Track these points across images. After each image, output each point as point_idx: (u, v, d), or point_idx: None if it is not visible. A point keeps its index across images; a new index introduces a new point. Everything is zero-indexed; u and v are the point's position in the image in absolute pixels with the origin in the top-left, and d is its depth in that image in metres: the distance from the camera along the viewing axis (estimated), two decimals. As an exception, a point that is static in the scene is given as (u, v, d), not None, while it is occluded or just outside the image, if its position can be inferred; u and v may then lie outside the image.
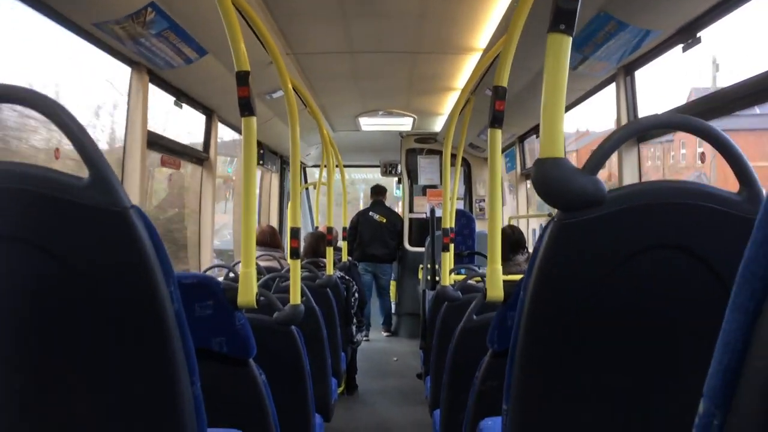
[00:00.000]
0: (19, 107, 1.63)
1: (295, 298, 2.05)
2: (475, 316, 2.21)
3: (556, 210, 0.94)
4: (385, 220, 6.43)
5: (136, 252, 0.89)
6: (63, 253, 0.88)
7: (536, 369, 0.98)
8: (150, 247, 0.90)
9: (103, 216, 0.88)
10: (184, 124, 3.79)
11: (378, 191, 6.62)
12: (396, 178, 7.43)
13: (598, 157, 0.93)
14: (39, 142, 2.62)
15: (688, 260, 0.91)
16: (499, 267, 1.81)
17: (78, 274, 0.89)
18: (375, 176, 8.02)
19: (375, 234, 6.37)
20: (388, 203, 6.82)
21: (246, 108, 1.63)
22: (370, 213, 6.49)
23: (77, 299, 0.90)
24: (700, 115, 1.90)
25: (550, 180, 0.91)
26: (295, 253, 2.13)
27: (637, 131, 1.01)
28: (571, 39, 0.96)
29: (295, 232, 2.17)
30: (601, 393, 0.96)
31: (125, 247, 0.89)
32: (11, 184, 0.87)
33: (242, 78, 1.61)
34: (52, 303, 0.91)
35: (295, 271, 2.08)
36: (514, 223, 4.73)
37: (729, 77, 2.13)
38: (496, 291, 1.76)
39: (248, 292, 1.58)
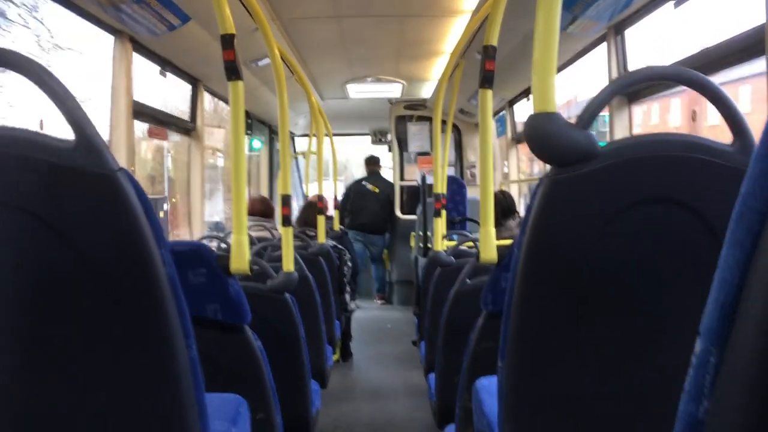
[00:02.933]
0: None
1: (288, 265, 2.04)
2: (468, 280, 2.22)
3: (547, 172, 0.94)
4: (377, 190, 6.42)
5: (126, 215, 0.88)
6: (50, 217, 0.87)
7: (531, 325, 0.98)
8: (140, 209, 0.89)
9: (90, 179, 0.86)
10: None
11: (372, 161, 6.60)
12: (386, 146, 7.40)
13: (591, 111, 0.92)
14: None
15: (681, 213, 0.91)
16: (492, 229, 1.81)
17: (66, 239, 0.88)
18: (365, 146, 7.97)
19: (366, 203, 6.37)
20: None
21: (232, 72, 1.60)
22: (364, 182, 6.49)
23: (67, 264, 0.89)
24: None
25: (543, 134, 0.90)
26: (286, 221, 2.12)
27: (630, 83, 0.99)
28: None
29: (285, 199, 2.15)
30: (596, 346, 0.97)
31: (114, 211, 0.87)
32: None
33: (227, 41, 1.58)
34: (41, 268, 0.90)
35: (287, 238, 2.07)
36: (505, 188, 4.73)
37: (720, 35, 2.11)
38: (489, 253, 1.76)
39: (241, 259, 1.57)
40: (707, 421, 0.41)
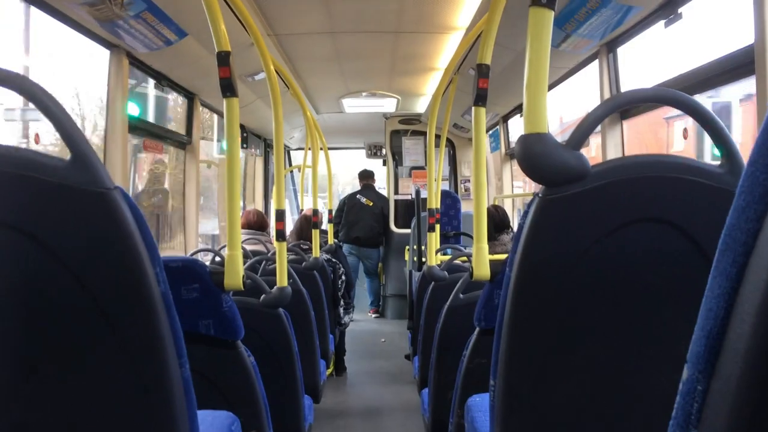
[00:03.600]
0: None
1: (282, 280, 2.05)
2: (461, 295, 2.22)
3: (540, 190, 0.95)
4: (371, 204, 6.44)
5: (121, 233, 0.88)
6: (44, 235, 0.87)
7: (522, 344, 0.99)
8: (134, 228, 0.89)
9: (85, 197, 0.86)
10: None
11: (366, 176, 6.62)
12: (381, 160, 7.42)
13: (582, 132, 0.93)
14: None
15: (670, 233, 0.92)
16: (485, 245, 1.82)
17: (61, 257, 0.88)
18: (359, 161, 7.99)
19: (360, 216, 6.38)
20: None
21: (228, 89, 1.61)
22: (358, 196, 6.50)
23: (61, 282, 0.89)
24: (684, 91, 1.91)
25: (534, 155, 0.91)
26: (280, 235, 2.13)
27: (620, 105, 1.01)
28: (553, 13, 0.95)
29: (280, 215, 2.16)
30: (587, 365, 0.97)
31: (109, 229, 0.88)
32: None
33: (223, 58, 1.59)
34: (35, 287, 0.90)
35: (282, 253, 2.08)
36: (498, 203, 4.75)
37: (710, 54, 2.14)
38: (482, 269, 1.77)
39: (235, 275, 1.57)
40: None
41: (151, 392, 0.95)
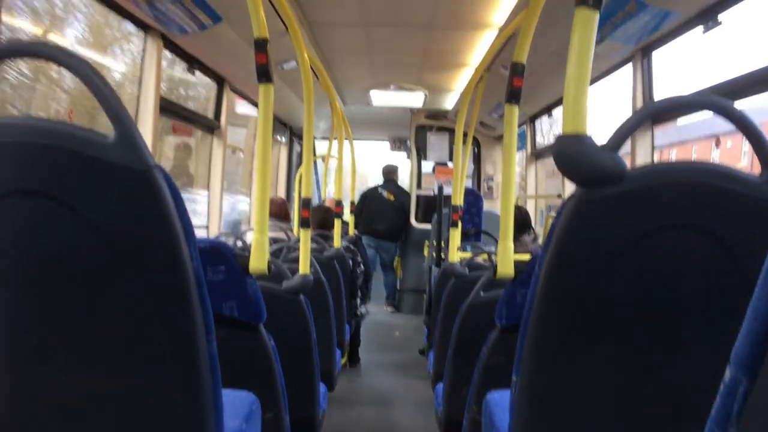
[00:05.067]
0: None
1: (305, 267, 2.06)
2: (482, 293, 2.22)
3: (566, 192, 0.95)
4: (393, 198, 6.45)
5: (160, 211, 0.90)
6: (85, 209, 0.89)
7: (548, 342, 0.99)
8: (173, 207, 0.91)
9: (128, 174, 0.88)
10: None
11: (389, 171, 6.63)
12: (404, 153, 7.42)
13: (620, 135, 0.93)
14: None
15: (704, 241, 0.92)
16: (511, 244, 1.82)
17: (100, 231, 0.90)
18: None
19: (381, 210, 6.40)
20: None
21: (264, 75, 1.62)
22: (380, 189, 6.51)
23: (98, 255, 0.91)
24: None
25: (571, 155, 0.91)
26: (305, 223, 2.14)
27: (660, 110, 1.00)
28: (598, 14, 0.95)
29: (306, 202, 2.17)
30: (613, 367, 0.97)
31: (149, 206, 0.90)
32: (33, 139, 0.88)
33: (261, 45, 1.60)
34: (74, 259, 0.93)
35: (305, 241, 2.09)
36: (521, 203, 4.73)
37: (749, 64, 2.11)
38: (506, 268, 1.77)
39: (260, 259, 1.59)
40: None
41: (179, 364, 0.97)
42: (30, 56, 0.96)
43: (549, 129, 5.34)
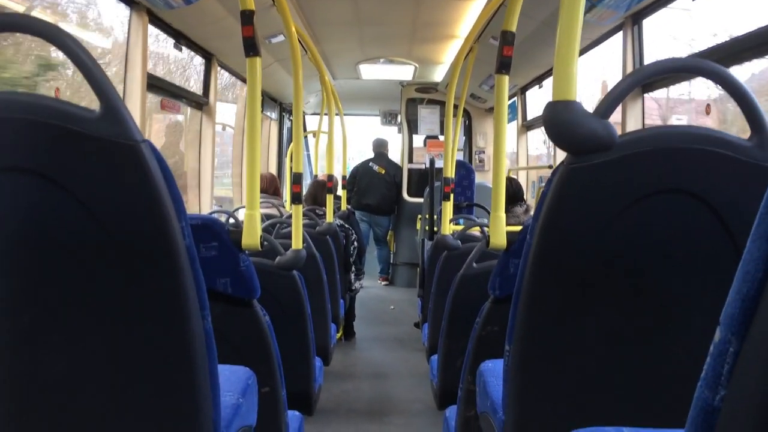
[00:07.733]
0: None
1: (297, 243, 2.06)
2: (475, 264, 2.23)
3: (555, 162, 0.95)
4: (383, 171, 6.43)
5: (149, 186, 0.89)
6: (73, 185, 0.88)
7: (540, 311, 1.00)
8: (162, 181, 0.90)
9: (115, 149, 0.87)
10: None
11: (380, 145, 6.60)
12: (395, 128, 7.39)
13: (610, 101, 0.93)
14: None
15: (694, 205, 0.92)
16: (503, 215, 1.82)
17: (88, 207, 0.89)
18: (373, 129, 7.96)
19: (372, 184, 6.39)
20: None
21: (251, 48, 1.60)
22: (371, 163, 6.49)
23: (87, 232, 0.91)
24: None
25: (561, 122, 0.91)
26: (297, 198, 2.14)
27: (651, 74, 1.00)
28: None
29: (297, 177, 2.16)
30: (604, 334, 0.98)
31: (137, 181, 0.89)
32: (17, 114, 0.86)
33: (247, 17, 1.58)
34: (63, 236, 0.92)
35: (297, 216, 2.09)
36: (513, 175, 4.73)
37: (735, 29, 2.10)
38: (499, 238, 1.77)
39: (253, 234, 1.59)
40: (723, 408, 0.42)
41: (174, 342, 0.97)
42: (15, 30, 0.94)
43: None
